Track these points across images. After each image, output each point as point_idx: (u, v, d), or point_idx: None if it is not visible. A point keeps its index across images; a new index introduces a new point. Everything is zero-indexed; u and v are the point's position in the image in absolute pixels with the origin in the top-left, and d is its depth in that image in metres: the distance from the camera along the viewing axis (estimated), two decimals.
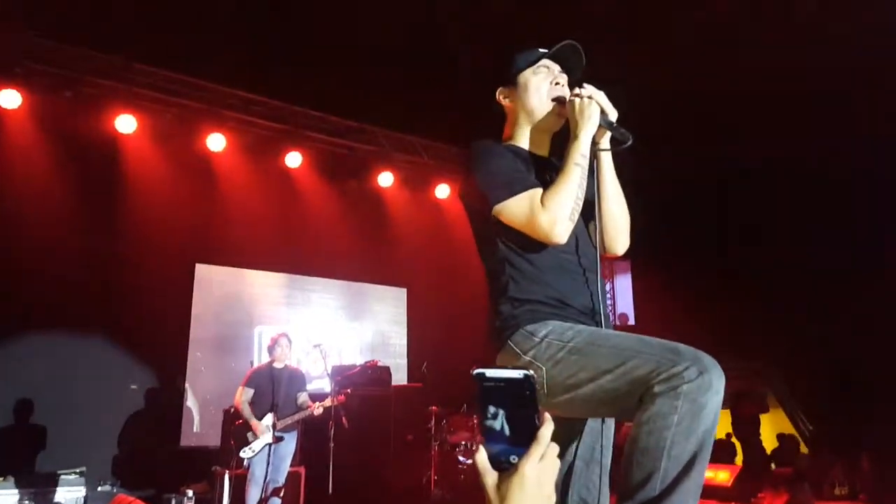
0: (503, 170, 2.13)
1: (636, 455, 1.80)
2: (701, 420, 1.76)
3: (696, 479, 1.77)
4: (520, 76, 2.30)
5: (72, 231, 7.29)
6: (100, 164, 7.65)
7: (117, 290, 7.54)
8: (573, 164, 2.07)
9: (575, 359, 1.92)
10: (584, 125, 2.11)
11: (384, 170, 9.46)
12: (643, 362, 1.82)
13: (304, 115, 8.71)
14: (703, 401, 1.75)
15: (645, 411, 1.79)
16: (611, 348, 1.90)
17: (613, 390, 1.86)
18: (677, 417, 1.74)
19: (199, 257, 8.51)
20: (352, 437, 6.59)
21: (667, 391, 1.76)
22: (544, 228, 2.02)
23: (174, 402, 8.02)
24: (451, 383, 8.49)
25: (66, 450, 6.92)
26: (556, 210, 2.01)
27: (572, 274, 2.14)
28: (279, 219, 8.86)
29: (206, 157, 8.24)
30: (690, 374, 1.76)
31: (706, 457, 1.79)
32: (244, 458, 6.01)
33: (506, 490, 1.03)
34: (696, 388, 1.75)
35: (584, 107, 2.12)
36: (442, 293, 9.96)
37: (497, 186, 2.09)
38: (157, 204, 7.81)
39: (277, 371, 6.38)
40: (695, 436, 1.76)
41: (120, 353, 7.58)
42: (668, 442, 1.75)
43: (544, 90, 2.26)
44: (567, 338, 1.96)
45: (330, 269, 9.51)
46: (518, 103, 2.30)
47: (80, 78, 7.41)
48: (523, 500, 1.02)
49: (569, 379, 1.91)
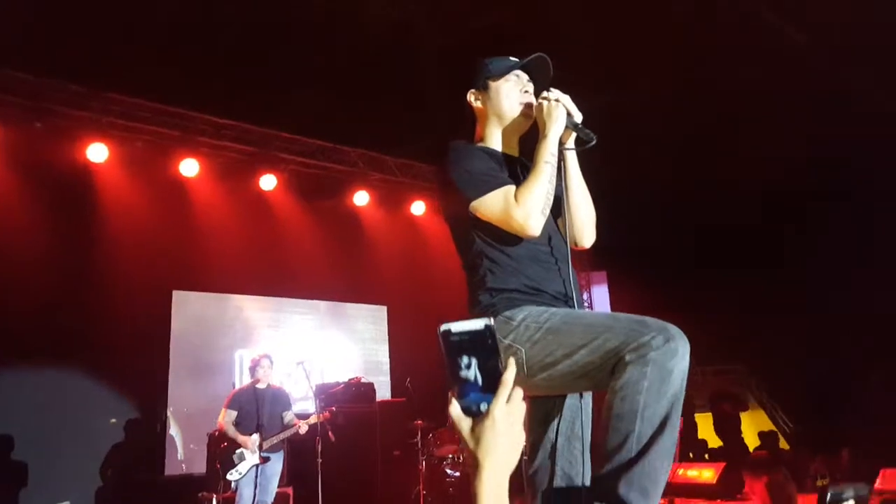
0: (478, 168, 2.25)
1: (612, 421, 1.93)
2: (670, 384, 1.90)
3: (670, 439, 1.91)
4: (491, 81, 2.42)
5: (46, 262, 7.23)
6: (72, 193, 7.64)
7: (94, 321, 7.48)
8: (543, 163, 2.21)
9: (551, 338, 2.04)
10: (552, 126, 2.25)
11: (359, 189, 9.56)
12: (614, 335, 1.96)
13: (276, 138, 8.77)
14: (670, 366, 1.90)
15: (618, 379, 1.93)
16: (584, 326, 2.04)
17: (588, 364, 2.00)
18: (647, 383, 1.89)
19: (176, 284, 8.50)
20: (339, 453, 6.59)
21: (636, 359, 1.91)
22: (519, 222, 2.14)
23: (156, 430, 7.96)
24: (435, 397, 8.51)
25: (48, 484, 6.87)
26: (529, 205, 2.14)
27: (545, 263, 2.27)
28: (256, 242, 8.88)
29: (179, 182, 8.26)
30: (657, 342, 1.90)
31: (677, 418, 1.93)
32: (231, 480, 5.98)
33: (479, 432, 1.13)
34: (662, 354, 1.89)
35: (552, 109, 2.26)
36: (421, 309, 10.00)
37: (473, 184, 2.21)
38: (131, 232, 7.78)
39: (261, 391, 6.38)
40: (665, 398, 1.90)
41: (99, 383, 7.54)
42: (641, 405, 1.89)
43: (514, 96, 2.40)
44: (543, 320, 2.09)
45: (309, 289, 9.54)
46: (488, 106, 2.43)
47: (50, 108, 7.41)
48: (496, 438, 1.12)
49: (546, 357, 2.03)
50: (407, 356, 9.76)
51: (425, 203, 10.20)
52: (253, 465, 6.06)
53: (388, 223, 10.06)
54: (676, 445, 2.01)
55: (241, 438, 6.13)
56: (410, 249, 10.19)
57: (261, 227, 8.97)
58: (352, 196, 9.56)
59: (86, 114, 7.58)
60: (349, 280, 9.77)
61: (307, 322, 9.57)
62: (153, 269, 7.99)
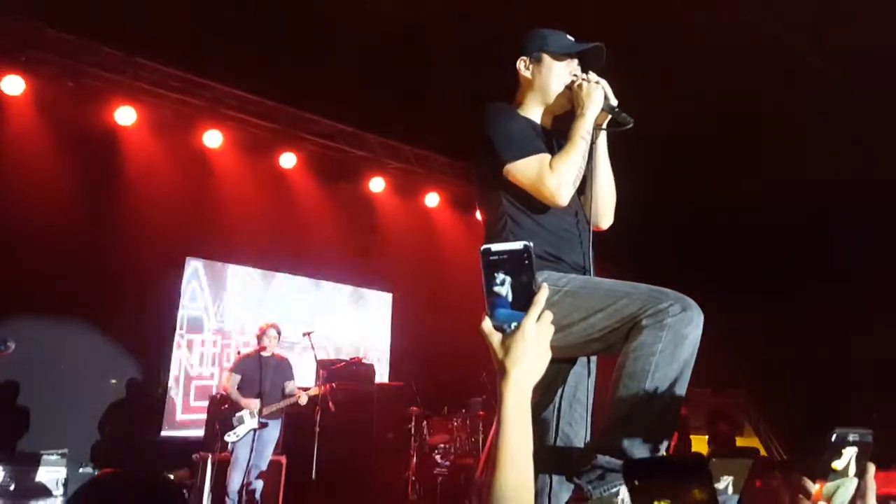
0: (517, 132, 2.35)
1: (623, 379, 2.05)
2: (682, 348, 2.02)
3: (676, 401, 2.04)
4: (546, 56, 2.49)
5: (66, 217, 7.44)
6: (98, 153, 7.84)
7: (107, 278, 7.65)
8: (579, 138, 2.30)
9: (570, 301, 2.15)
10: (590, 105, 2.34)
11: (376, 175, 9.75)
12: (632, 301, 2.08)
13: (299, 117, 8.96)
14: (685, 332, 2.02)
15: (633, 341, 2.05)
16: (603, 291, 2.16)
17: (605, 327, 2.11)
18: (661, 345, 2.00)
19: (190, 251, 8.69)
20: (334, 429, 6.76)
21: (653, 324, 2.03)
22: (551, 189, 2.23)
23: (157, 392, 8.15)
24: (432, 387, 8.71)
25: (48, 432, 7.02)
26: (563, 174, 2.23)
27: (568, 234, 2.38)
28: (271, 217, 9.06)
29: (202, 152, 8.47)
30: (675, 309, 2.02)
31: (685, 382, 2.05)
32: (228, 441, 6.16)
33: (509, 344, 1.23)
34: (679, 321, 2.01)
35: (591, 90, 2.36)
36: (426, 299, 10.19)
37: (511, 146, 2.29)
38: (152, 195, 7.98)
39: (265, 359, 6.56)
40: (676, 362, 2.02)
41: (107, 340, 7.73)
42: (653, 367, 2.01)
43: (564, 76, 2.47)
44: (562, 283, 2.20)
45: (317, 269, 9.72)
46: (537, 78, 2.49)
47: (83, 69, 7.63)
48: (525, 350, 1.21)
49: (563, 319, 2.09)
50: (408, 344, 9.93)
51: (440, 195, 10.38)
52: (251, 430, 6.24)
53: (401, 212, 10.24)
54: (681, 410, 2.14)
55: (243, 401, 6.30)
56: (421, 240, 10.36)
57: (277, 204, 9.15)
58: (368, 182, 9.76)
59: (117, 77, 7.78)
60: (358, 264, 9.93)
61: (312, 300, 9.74)
62: (169, 234, 8.16)
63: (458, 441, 7.98)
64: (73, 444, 6.88)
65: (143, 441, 7.73)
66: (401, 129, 9.47)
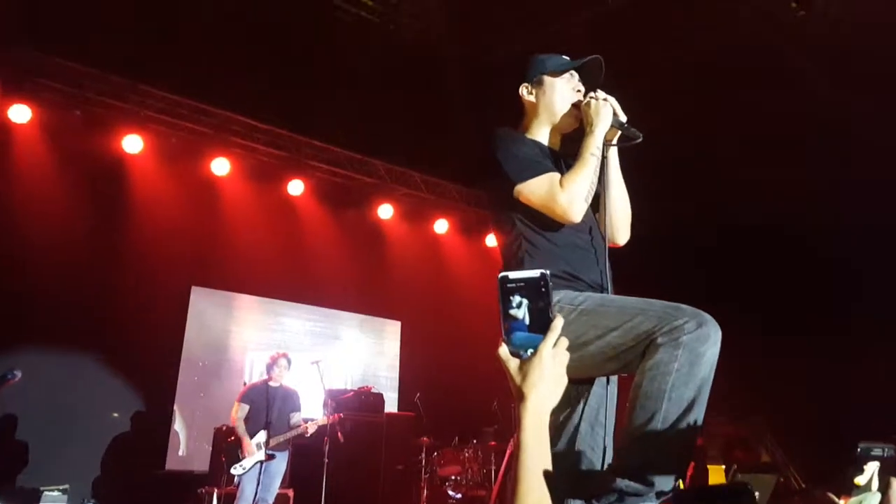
0: (525, 153, 2.36)
1: (639, 399, 2.01)
2: (699, 367, 1.97)
3: (694, 422, 1.97)
4: (546, 77, 2.52)
5: (73, 246, 7.40)
6: (105, 182, 7.84)
7: (112, 308, 7.61)
8: (589, 154, 2.31)
9: (585, 319, 2.12)
10: (599, 123, 2.36)
11: (384, 202, 9.71)
12: (647, 318, 2.05)
13: (307, 145, 8.98)
14: (701, 350, 1.97)
15: (648, 360, 2.01)
16: (618, 308, 2.13)
17: (620, 345, 2.08)
18: (677, 364, 1.96)
19: (196, 280, 8.62)
20: (343, 461, 6.63)
21: (668, 342, 1.98)
22: (563, 206, 2.22)
23: (161, 425, 8.01)
24: (442, 417, 8.56)
25: (49, 468, 6.92)
26: (574, 190, 2.23)
27: (585, 252, 2.36)
28: (278, 245, 9.02)
29: (209, 180, 8.47)
30: (690, 326, 1.98)
31: (703, 403, 1.99)
32: (235, 474, 6.03)
33: (527, 369, 1.25)
34: (695, 338, 1.97)
35: (600, 107, 2.37)
36: (436, 328, 10.09)
37: (519, 168, 2.31)
38: (158, 224, 7.96)
39: (273, 389, 6.46)
40: (693, 382, 1.97)
41: (110, 372, 7.64)
42: (669, 386, 1.96)
43: (567, 94, 2.50)
44: (577, 302, 2.17)
45: (325, 298, 9.63)
46: (541, 100, 2.52)
47: (90, 97, 7.66)
48: (541, 376, 1.23)
49: (579, 339, 2.08)
50: (417, 374, 9.79)
51: (449, 221, 10.32)
52: (257, 462, 6.11)
53: (410, 239, 10.19)
54: (700, 432, 2.06)
55: (245, 441, 6.19)
56: (430, 267, 10.30)
57: (285, 231, 9.12)
58: (376, 209, 9.73)
59: (124, 105, 7.82)
60: (366, 292, 9.85)
61: (320, 330, 9.64)
62: (176, 263, 8.13)
63: (470, 472, 7.82)
64: (75, 480, 6.77)
65: (147, 475, 7.59)
66: (409, 155, 9.48)
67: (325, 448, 6.32)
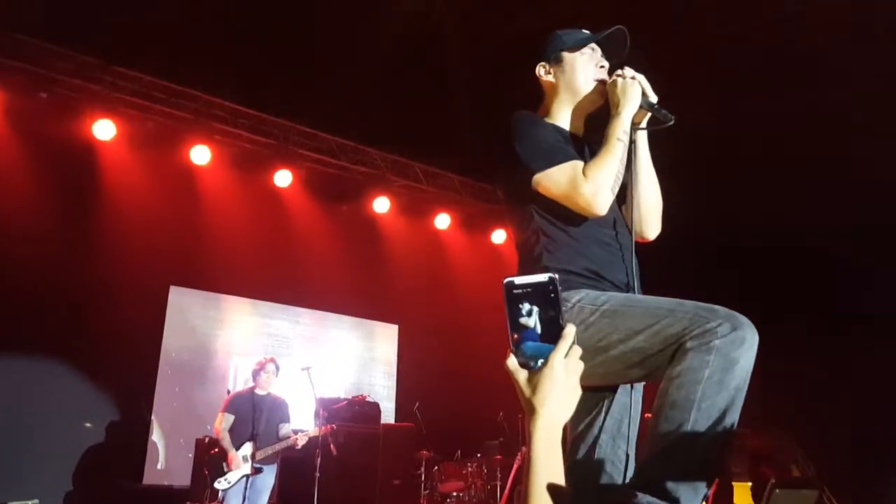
0: (546, 140, 2.31)
1: (665, 409, 1.95)
2: (733, 375, 1.90)
3: (726, 434, 1.91)
4: (565, 54, 2.47)
5: (37, 242, 7.33)
6: (74, 171, 7.77)
7: (84, 310, 7.55)
8: (616, 139, 2.25)
9: (607, 321, 2.07)
10: (627, 104, 2.30)
11: (380, 195, 9.64)
12: (676, 320, 1.99)
13: (295, 131, 8.90)
14: (735, 356, 1.90)
15: (676, 366, 1.95)
16: (644, 310, 2.07)
17: (646, 350, 2.02)
18: (709, 371, 1.89)
19: (174, 279, 8.56)
20: (335, 474, 6.60)
21: (699, 346, 1.92)
22: (587, 198, 2.17)
23: (138, 436, 7.96)
24: (443, 429, 8.52)
25: (16, 481, 6.85)
26: (599, 180, 2.17)
27: (609, 248, 2.31)
28: (264, 241, 8.96)
29: (188, 170, 8.38)
30: (724, 329, 1.91)
31: (736, 413, 1.93)
32: (219, 489, 5.99)
33: (537, 381, 1.24)
34: (728, 342, 1.90)
35: (627, 86, 2.31)
36: (436, 333, 10.03)
37: (539, 156, 2.25)
38: (132, 217, 7.90)
39: (259, 398, 6.41)
40: (726, 391, 1.91)
41: (83, 378, 7.59)
42: (699, 395, 1.90)
43: (589, 71, 2.44)
44: (600, 302, 2.12)
45: (316, 299, 9.58)
46: (561, 80, 2.47)
47: (57, 78, 7.58)
48: (553, 388, 1.23)
49: (600, 342, 2.05)
50: (416, 381, 9.73)
51: (451, 216, 10.26)
52: (243, 476, 6.06)
53: (408, 234, 10.13)
54: (730, 446, 2.01)
55: (231, 453, 6.15)
56: (430, 265, 10.25)
57: (271, 226, 9.07)
58: (371, 201, 9.66)
59: (95, 87, 7.74)
60: (360, 293, 9.79)
61: (311, 334, 9.60)
62: (152, 260, 8.06)
63: (474, 488, 7.80)
64: (45, 494, 6.70)
65: (123, 490, 7.55)
66: (408, 143, 9.40)
67: (316, 461, 6.29)
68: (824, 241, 8.44)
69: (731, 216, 8.72)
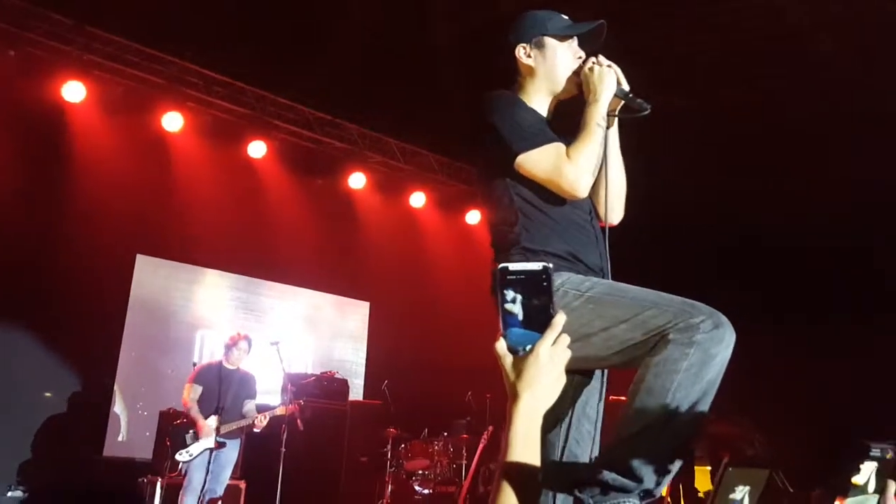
0: (528, 121, 2.34)
1: (640, 394, 2.05)
2: (709, 369, 2.01)
3: (695, 424, 2.02)
4: (548, 40, 2.48)
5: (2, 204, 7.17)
6: (41, 132, 7.61)
7: (47, 275, 7.43)
8: (594, 125, 2.31)
9: (591, 308, 2.14)
10: (603, 91, 2.35)
11: (356, 170, 9.56)
12: (660, 312, 2.07)
13: (271, 102, 8.77)
14: (714, 352, 2.01)
15: (656, 355, 2.04)
16: (629, 299, 2.15)
17: (628, 339, 2.10)
18: (687, 363, 2.00)
19: (141, 248, 8.44)
20: (302, 450, 6.58)
21: (681, 339, 2.01)
22: (570, 180, 2.23)
23: (100, 406, 7.86)
24: (411, 407, 8.52)
25: None
26: (582, 163, 2.24)
27: (585, 231, 2.38)
28: (236, 213, 8.85)
29: (159, 136, 8.24)
30: (706, 326, 2.02)
31: (706, 406, 2.05)
32: (180, 461, 5.93)
33: (521, 367, 1.26)
34: (709, 339, 2.01)
35: (604, 74, 2.36)
36: (408, 311, 10.03)
37: (523, 137, 2.29)
38: (100, 183, 7.73)
39: (227, 371, 6.38)
40: (700, 383, 2.01)
41: (43, 347, 7.47)
42: (675, 385, 2.00)
43: (569, 61, 2.48)
44: (584, 287, 2.19)
45: (286, 273, 9.51)
46: (540, 64, 2.48)
47: (27, 37, 7.39)
48: (538, 374, 1.25)
49: (582, 327, 2.09)
50: (386, 359, 9.72)
51: (426, 194, 10.21)
52: (206, 449, 6.01)
53: (383, 212, 10.07)
54: (699, 435, 2.13)
55: (200, 422, 6.12)
56: (404, 244, 10.21)
57: (243, 198, 8.96)
58: (347, 177, 9.57)
59: (66, 47, 7.56)
60: (332, 269, 9.74)
61: (280, 309, 9.53)
62: (118, 228, 7.93)
63: (440, 467, 7.81)
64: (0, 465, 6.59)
65: (82, 461, 7.45)
66: (385, 119, 9.31)
67: (282, 436, 6.27)
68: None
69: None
